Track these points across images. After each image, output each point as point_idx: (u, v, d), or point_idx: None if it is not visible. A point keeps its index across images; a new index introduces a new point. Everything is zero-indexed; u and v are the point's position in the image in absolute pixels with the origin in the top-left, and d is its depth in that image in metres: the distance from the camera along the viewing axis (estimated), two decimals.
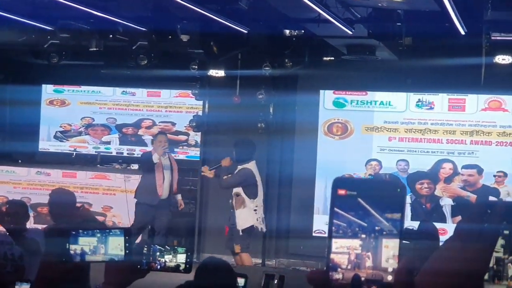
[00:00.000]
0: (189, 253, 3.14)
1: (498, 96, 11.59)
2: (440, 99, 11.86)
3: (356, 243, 1.21)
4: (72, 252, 2.72)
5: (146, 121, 13.59)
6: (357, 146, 12.22)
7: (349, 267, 1.21)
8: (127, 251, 2.83)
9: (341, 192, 1.24)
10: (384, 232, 1.22)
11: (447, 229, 11.32)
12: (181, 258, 3.14)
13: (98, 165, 13.23)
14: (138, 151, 13.31)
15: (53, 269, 2.60)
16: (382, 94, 12.12)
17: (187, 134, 13.41)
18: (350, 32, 8.93)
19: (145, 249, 3.04)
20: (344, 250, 1.21)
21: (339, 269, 1.21)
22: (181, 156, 13.19)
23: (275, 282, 9.11)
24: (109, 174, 12.80)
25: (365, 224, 1.22)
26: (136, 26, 9.58)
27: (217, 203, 11.92)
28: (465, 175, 11.71)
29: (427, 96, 11.91)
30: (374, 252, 1.20)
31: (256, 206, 10.56)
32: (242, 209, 10.51)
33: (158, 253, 3.09)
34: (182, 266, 3.02)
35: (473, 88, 11.19)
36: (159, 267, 3.03)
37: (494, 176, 11.49)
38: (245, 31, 9.41)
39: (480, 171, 11.62)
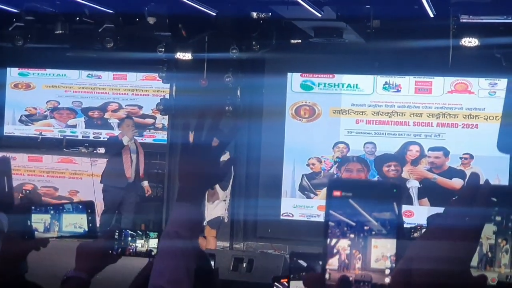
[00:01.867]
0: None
1: (464, 79, 11.67)
2: (407, 82, 11.91)
3: (345, 243, 1.19)
4: (34, 228, 2.67)
5: (113, 104, 13.47)
6: (325, 129, 12.24)
7: (339, 267, 1.19)
8: (90, 225, 2.79)
9: (336, 193, 1.22)
10: (373, 232, 1.20)
11: (413, 211, 11.44)
12: (153, 243, 3.10)
13: (64, 149, 13.10)
14: (104, 134, 13.20)
15: (15, 245, 2.56)
16: (350, 77, 12.14)
17: (154, 118, 13.32)
18: (319, 15, 8.90)
19: (117, 233, 3.00)
20: (335, 251, 1.20)
21: (329, 270, 1.19)
22: (148, 140, 13.12)
23: (244, 265, 9.14)
24: (75, 158, 12.70)
25: (354, 224, 1.20)
26: (103, 9, 9.46)
27: None
28: (431, 157, 11.80)
29: (394, 79, 11.96)
30: (363, 252, 1.19)
31: (226, 196, 10.53)
32: (212, 202, 10.48)
33: (129, 238, 3.05)
34: (155, 251, 2.99)
35: (440, 70, 11.25)
36: (131, 251, 3.00)
37: (461, 158, 11.59)
38: (213, 14, 9.33)
39: (446, 153, 11.71)
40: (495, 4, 8.34)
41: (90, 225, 2.81)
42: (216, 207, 10.55)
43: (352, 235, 1.19)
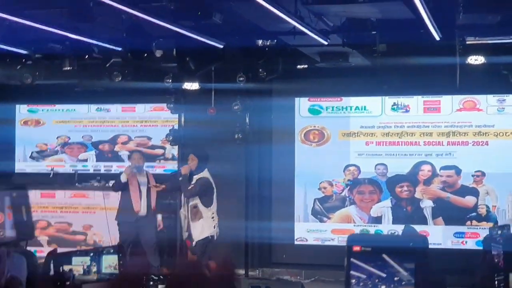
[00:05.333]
0: None
1: (472, 96, 11.70)
2: (415, 102, 11.94)
3: None
4: (66, 272, 2.75)
5: (122, 136, 13.53)
6: (335, 152, 12.27)
7: None
8: (122, 269, 2.87)
9: (356, 248, 1.25)
10: (403, 282, 1.23)
11: (428, 231, 11.42)
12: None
13: (76, 184, 13.13)
14: (115, 167, 13.24)
15: None
16: (357, 99, 12.18)
17: (164, 148, 13.36)
18: (325, 43, 8.95)
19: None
20: None
21: None
22: (159, 170, 13.14)
23: None
24: (88, 192, 12.72)
25: (384, 275, 1.23)
26: (111, 47, 9.54)
27: None
28: (443, 176, 11.80)
29: (402, 99, 11.99)
30: None
31: (213, 213, 10.46)
32: (198, 221, 10.38)
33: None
34: None
35: (447, 89, 11.27)
36: None
37: (472, 176, 11.59)
38: (220, 46, 9.40)
39: (458, 171, 11.71)
40: (501, 25, 8.38)
41: (122, 269, 2.90)
42: (204, 226, 10.41)
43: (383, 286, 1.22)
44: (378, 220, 12.03)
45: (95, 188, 12.87)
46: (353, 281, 1.13)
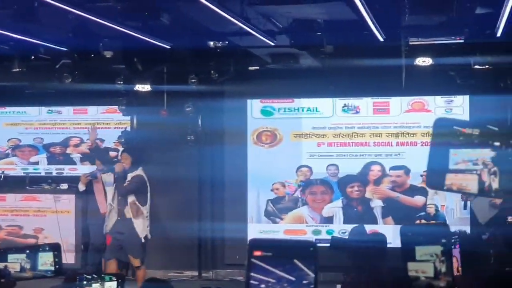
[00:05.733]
0: (119, 281, 3.18)
1: (420, 98, 11.85)
2: (365, 103, 12.07)
3: None
4: (1, 269, 2.77)
5: (74, 139, 13.43)
6: (287, 153, 12.33)
7: None
8: (57, 266, 2.89)
9: (257, 253, 1.29)
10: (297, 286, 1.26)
11: (378, 230, 11.51)
12: (109, 285, 3.16)
13: (27, 187, 13.02)
14: (67, 170, 13.15)
15: None
16: (309, 100, 12.27)
17: (117, 150, 13.27)
18: (272, 44, 9.02)
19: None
20: None
21: None
22: None
23: None
24: (39, 195, 12.62)
25: (274, 281, 1.27)
26: (57, 47, 9.50)
27: (158, 215, 11.73)
28: (393, 176, 11.93)
29: (352, 101, 12.11)
30: None
31: (147, 213, 10.42)
32: (140, 218, 10.23)
33: (84, 282, 3.10)
34: None
35: (397, 91, 11.40)
36: None
37: (421, 175, 11.72)
38: (168, 46, 9.41)
39: (407, 171, 11.85)
40: (445, 26, 8.51)
41: (57, 266, 2.93)
42: (144, 224, 10.23)
43: None
44: (329, 220, 12.13)
45: (46, 191, 12.77)
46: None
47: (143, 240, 10.16)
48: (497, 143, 1.09)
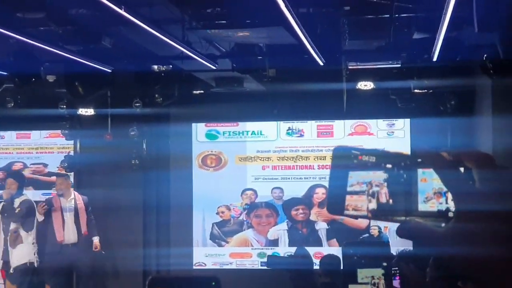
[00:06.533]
0: None
1: (363, 121, 12.01)
2: (309, 126, 12.18)
3: None
4: None
5: (17, 164, 13.28)
6: (232, 177, 12.37)
7: None
8: None
9: None
10: None
11: (323, 253, 11.61)
12: None
13: None
14: None
15: None
16: (253, 124, 12.35)
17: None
18: (214, 67, 9.08)
19: None
20: None
21: None
22: None
23: None
24: None
25: None
26: None
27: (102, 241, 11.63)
28: None
29: (296, 124, 12.21)
30: None
31: (34, 239, 10.32)
32: (17, 246, 10.13)
33: None
34: None
35: (339, 114, 11.54)
36: None
37: None
38: (110, 70, 9.41)
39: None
40: (381, 51, 8.68)
41: None
42: (23, 252, 10.18)
43: None
44: (275, 243, 12.17)
45: None
46: None
47: (11, 271, 10.07)
48: (389, 165, 1.14)
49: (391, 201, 1.13)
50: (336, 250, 11.84)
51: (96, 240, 11.31)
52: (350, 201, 1.14)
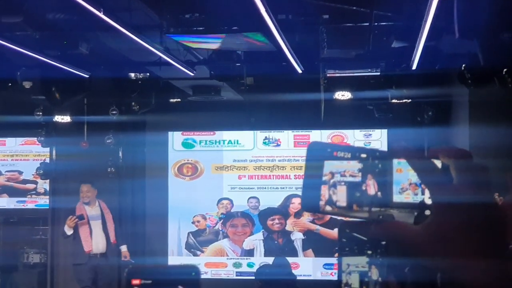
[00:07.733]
0: None
1: (340, 131, 12.02)
2: (286, 136, 12.17)
3: None
4: None
5: None
6: (208, 186, 12.32)
7: None
8: None
9: (135, 282, 1.28)
10: None
11: (298, 263, 11.59)
12: None
13: None
14: None
15: None
16: (230, 133, 12.31)
17: (35, 183, 13.08)
18: (192, 74, 9.05)
19: None
20: None
21: None
22: (30, 205, 12.86)
23: None
24: None
25: None
26: None
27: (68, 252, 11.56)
28: None
29: (273, 134, 12.19)
30: None
31: None
32: None
33: None
34: None
35: (316, 124, 11.54)
36: None
37: None
38: (86, 76, 9.34)
39: None
40: (360, 59, 8.70)
41: None
42: None
43: None
44: (250, 252, 12.12)
45: None
46: None
47: None
48: (364, 155, 1.11)
49: (367, 191, 1.10)
50: (311, 260, 11.85)
51: (124, 248, 11.13)
52: (324, 191, 1.10)
